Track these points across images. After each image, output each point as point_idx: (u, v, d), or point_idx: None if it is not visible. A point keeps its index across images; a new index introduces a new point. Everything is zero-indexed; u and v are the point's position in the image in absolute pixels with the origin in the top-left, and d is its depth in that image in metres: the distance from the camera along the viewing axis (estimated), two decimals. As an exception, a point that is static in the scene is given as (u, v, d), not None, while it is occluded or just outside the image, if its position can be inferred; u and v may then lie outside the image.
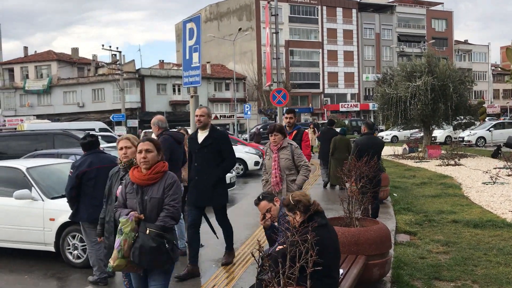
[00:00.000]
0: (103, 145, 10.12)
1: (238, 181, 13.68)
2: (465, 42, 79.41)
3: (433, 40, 64.35)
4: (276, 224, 4.69)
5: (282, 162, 5.94)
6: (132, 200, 3.80)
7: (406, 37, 70.62)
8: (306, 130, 7.42)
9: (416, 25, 71.88)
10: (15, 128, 28.44)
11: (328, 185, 13.00)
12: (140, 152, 3.79)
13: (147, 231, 3.60)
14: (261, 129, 38.95)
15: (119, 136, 23.24)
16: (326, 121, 15.48)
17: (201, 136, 5.90)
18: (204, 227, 6.15)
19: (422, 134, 26.47)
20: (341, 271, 4.27)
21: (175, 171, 6.16)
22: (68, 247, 6.64)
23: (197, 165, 5.87)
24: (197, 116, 5.80)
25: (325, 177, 13.42)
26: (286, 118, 7.23)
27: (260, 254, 2.84)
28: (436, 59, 22.99)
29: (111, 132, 21.75)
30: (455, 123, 23.82)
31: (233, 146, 6.29)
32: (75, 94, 54.09)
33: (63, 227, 6.53)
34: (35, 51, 60.73)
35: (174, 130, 7.44)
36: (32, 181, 7.05)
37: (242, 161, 16.65)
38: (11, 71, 56.90)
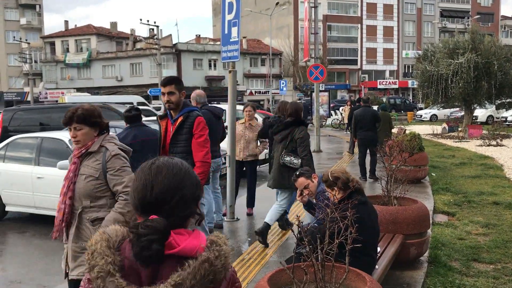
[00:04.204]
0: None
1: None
2: (512, 18, 75.93)
3: (478, 16, 61.75)
4: (314, 200, 4.70)
5: (80, 183, 3.20)
6: None
7: (449, 12, 68.03)
8: (200, 116, 4.53)
9: (461, -1, 69.18)
10: (57, 101, 29.24)
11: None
12: None
13: None
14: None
15: (157, 110, 23.40)
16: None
17: None
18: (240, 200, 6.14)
19: (462, 113, 25.75)
20: (378, 249, 4.26)
21: (213, 146, 6.24)
22: (109, 217, 6.85)
23: None
24: None
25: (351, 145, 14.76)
26: (164, 94, 4.43)
27: (299, 228, 2.85)
28: (481, 35, 22.15)
29: (148, 106, 22.11)
30: (498, 102, 23.08)
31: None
32: (113, 68, 54.97)
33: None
34: (75, 25, 61.85)
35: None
36: (75, 152, 7.26)
37: None
38: (52, 44, 58.20)
